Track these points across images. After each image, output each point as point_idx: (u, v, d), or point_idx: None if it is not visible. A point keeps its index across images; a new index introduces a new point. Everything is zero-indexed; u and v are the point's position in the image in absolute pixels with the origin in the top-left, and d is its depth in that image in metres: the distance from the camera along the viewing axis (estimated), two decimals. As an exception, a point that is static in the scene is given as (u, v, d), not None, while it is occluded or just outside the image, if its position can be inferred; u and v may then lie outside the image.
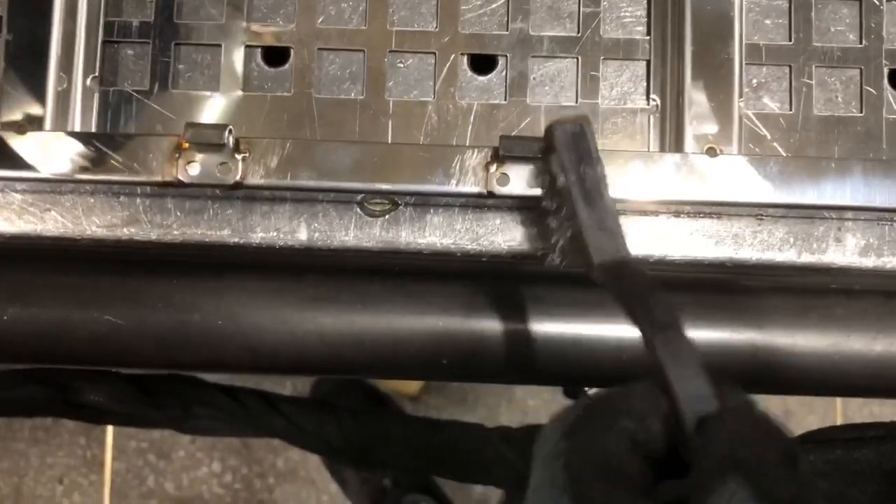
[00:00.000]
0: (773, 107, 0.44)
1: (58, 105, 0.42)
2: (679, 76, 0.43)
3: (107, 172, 0.40)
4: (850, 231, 0.42)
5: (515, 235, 0.42)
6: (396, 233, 0.42)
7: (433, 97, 0.44)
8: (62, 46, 0.42)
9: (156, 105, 0.44)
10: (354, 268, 0.45)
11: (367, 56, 0.44)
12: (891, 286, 0.46)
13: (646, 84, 0.44)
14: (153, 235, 0.42)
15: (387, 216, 0.42)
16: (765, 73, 0.45)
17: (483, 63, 0.45)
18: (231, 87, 0.44)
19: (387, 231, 0.42)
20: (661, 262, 0.42)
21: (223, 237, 0.42)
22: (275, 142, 0.40)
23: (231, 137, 0.39)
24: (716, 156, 0.40)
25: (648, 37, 0.44)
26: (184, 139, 0.39)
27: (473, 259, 0.42)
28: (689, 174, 0.40)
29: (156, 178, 0.40)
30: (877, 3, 0.45)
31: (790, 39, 0.45)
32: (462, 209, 0.42)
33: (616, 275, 0.34)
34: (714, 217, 0.42)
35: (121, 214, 0.42)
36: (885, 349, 0.45)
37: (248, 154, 0.40)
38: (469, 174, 0.40)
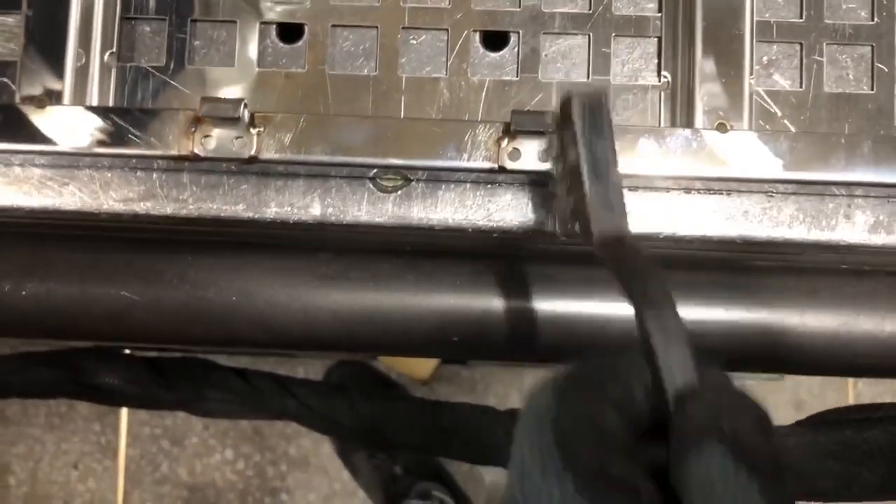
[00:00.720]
0: (784, 84, 0.45)
1: (76, 80, 0.43)
2: (690, 53, 0.43)
3: (124, 146, 0.40)
4: (860, 208, 0.43)
5: (527, 211, 0.42)
6: (408, 208, 0.43)
7: (445, 73, 0.45)
8: (81, 23, 0.43)
9: (172, 81, 0.45)
10: (367, 246, 0.45)
11: (381, 32, 0.45)
12: (900, 264, 0.46)
13: (657, 61, 0.45)
14: (169, 210, 0.42)
15: (399, 192, 0.43)
16: (775, 51, 0.45)
17: (495, 39, 0.45)
18: (246, 64, 0.45)
19: (399, 207, 0.43)
20: (671, 239, 0.43)
21: (238, 212, 0.42)
22: (289, 116, 0.40)
23: (246, 112, 0.40)
24: (726, 132, 0.41)
25: (660, 14, 0.45)
26: (199, 113, 0.39)
27: (485, 235, 0.43)
28: (700, 150, 0.40)
29: (172, 152, 0.40)
30: (889, -19, 0.45)
31: (801, 17, 0.45)
32: (474, 185, 0.42)
33: (614, 250, 0.34)
34: (724, 193, 0.42)
35: (137, 189, 0.42)
36: (895, 329, 0.45)
37: (263, 129, 0.40)
38: (481, 149, 0.40)
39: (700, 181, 0.42)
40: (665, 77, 0.45)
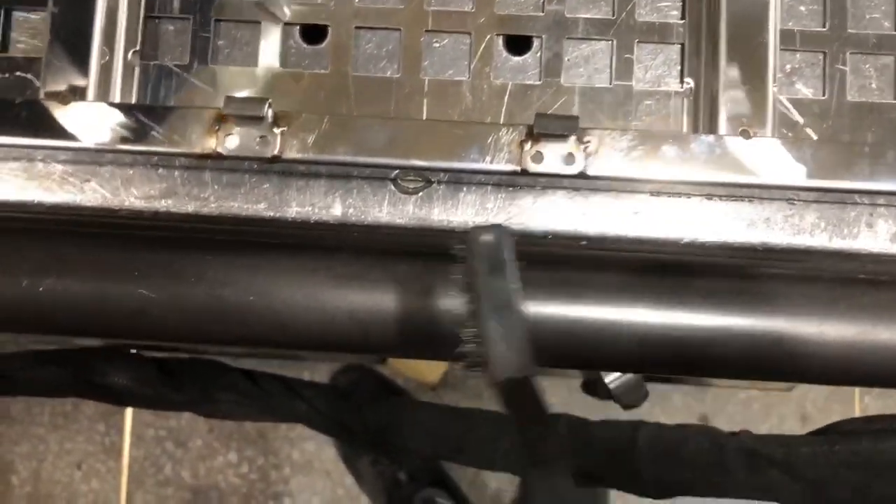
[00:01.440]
0: (807, 92, 0.45)
1: (100, 78, 0.43)
2: (713, 60, 0.43)
3: (147, 143, 0.40)
4: (882, 217, 0.42)
5: (547, 216, 0.42)
6: (429, 210, 0.43)
7: (468, 77, 0.45)
8: (105, 21, 0.43)
9: (195, 80, 0.45)
10: (385, 247, 0.45)
11: (404, 35, 0.45)
12: (921, 274, 0.45)
13: (680, 67, 0.45)
14: (190, 208, 0.42)
15: (420, 193, 0.43)
16: (799, 59, 0.45)
17: (518, 44, 0.45)
18: (269, 64, 0.45)
19: (420, 208, 0.43)
20: (693, 245, 0.43)
21: (259, 211, 0.42)
22: (312, 117, 0.40)
23: (270, 111, 0.40)
24: (749, 138, 0.41)
25: (683, 20, 0.45)
26: (223, 111, 0.39)
27: (505, 238, 0.43)
28: (723, 156, 0.40)
29: (195, 150, 0.40)
30: (913, -8, 0.45)
31: (825, 26, 0.45)
32: (495, 188, 0.42)
33: (513, 394, 0.35)
34: (746, 200, 0.42)
35: (159, 186, 0.42)
36: (913, 340, 0.44)
37: (286, 128, 0.40)
38: (503, 151, 0.40)
39: (722, 187, 0.42)
40: (688, 83, 0.45)
